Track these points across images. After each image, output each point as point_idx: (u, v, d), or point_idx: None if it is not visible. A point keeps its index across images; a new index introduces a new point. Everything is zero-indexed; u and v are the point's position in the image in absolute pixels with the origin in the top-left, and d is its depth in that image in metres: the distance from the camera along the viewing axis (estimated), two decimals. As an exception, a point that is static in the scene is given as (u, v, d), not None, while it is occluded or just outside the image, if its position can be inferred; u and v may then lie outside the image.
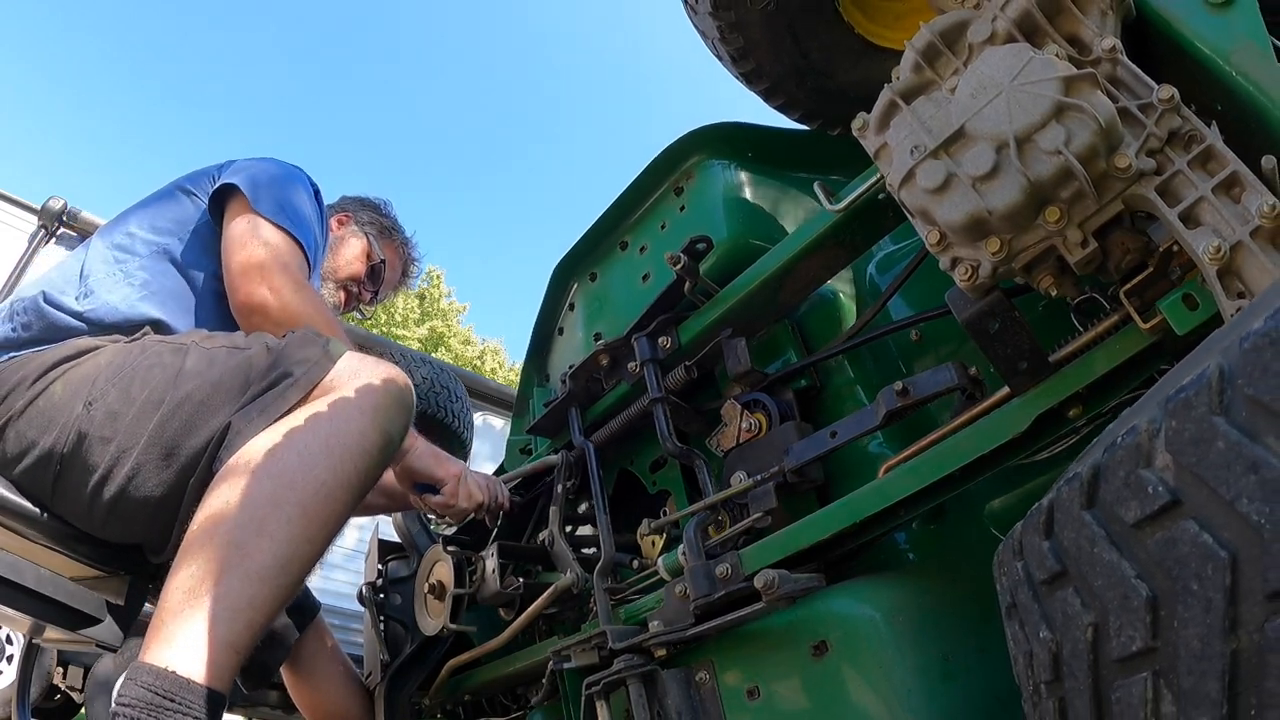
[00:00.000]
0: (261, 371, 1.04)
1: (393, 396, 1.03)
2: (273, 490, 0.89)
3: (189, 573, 0.84)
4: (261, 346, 1.10)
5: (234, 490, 0.88)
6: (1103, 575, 0.39)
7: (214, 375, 1.05)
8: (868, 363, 1.15)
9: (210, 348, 1.11)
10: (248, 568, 0.85)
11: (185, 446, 1.01)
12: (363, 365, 1.06)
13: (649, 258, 1.34)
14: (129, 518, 1.05)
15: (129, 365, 1.08)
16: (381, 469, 1.02)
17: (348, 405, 0.98)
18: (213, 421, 1.01)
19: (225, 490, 0.90)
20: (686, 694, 0.97)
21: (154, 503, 1.02)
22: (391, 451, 1.02)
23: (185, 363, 1.07)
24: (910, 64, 0.84)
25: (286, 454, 0.92)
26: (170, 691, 0.78)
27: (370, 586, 1.44)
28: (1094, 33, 0.74)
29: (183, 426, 1.02)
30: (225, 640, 0.82)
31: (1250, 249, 0.60)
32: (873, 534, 0.95)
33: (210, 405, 1.02)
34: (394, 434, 1.02)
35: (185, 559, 0.86)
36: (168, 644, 0.81)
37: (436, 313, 18.24)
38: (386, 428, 1.00)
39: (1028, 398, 0.80)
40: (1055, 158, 0.66)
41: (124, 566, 1.17)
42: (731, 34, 1.09)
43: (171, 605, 0.83)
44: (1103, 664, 0.41)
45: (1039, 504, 0.47)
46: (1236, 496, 0.32)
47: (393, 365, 1.09)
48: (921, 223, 0.78)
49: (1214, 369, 0.34)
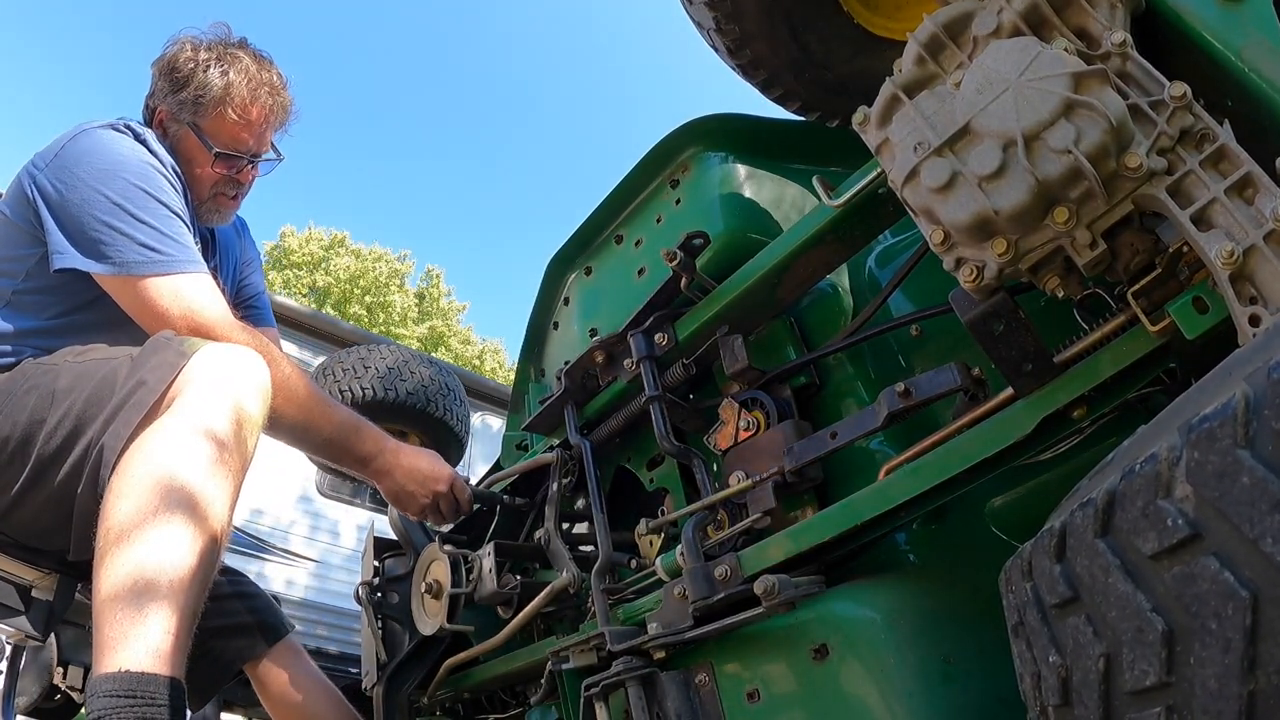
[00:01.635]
0: (122, 382, 1.10)
1: (246, 383, 1.10)
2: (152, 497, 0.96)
3: (107, 587, 0.91)
4: (126, 356, 1.15)
5: (121, 505, 0.96)
6: (1117, 606, 0.38)
7: (85, 392, 1.11)
8: (868, 360, 1.13)
9: (80, 363, 1.17)
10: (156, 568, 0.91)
11: (68, 467, 1.08)
12: (218, 358, 1.10)
13: (644, 252, 1.32)
14: (40, 532, 1.18)
15: (7, 392, 1.15)
16: (248, 446, 1.08)
17: (200, 401, 1.05)
18: (85, 439, 1.07)
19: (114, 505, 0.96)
20: (686, 696, 0.96)
21: (57, 519, 1.10)
22: (253, 429, 1.10)
23: (58, 383, 1.13)
24: (913, 57, 0.82)
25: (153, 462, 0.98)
26: (129, 689, 0.84)
27: (367, 586, 1.44)
28: (1103, 26, 0.72)
29: (61, 447, 1.09)
30: (163, 629, 0.88)
31: (1264, 253, 0.59)
32: (873, 535, 0.94)
33: (83, 423, 1.09)
34: (253, 415, 1.10)
35: (99, 576, 0.93)
36: (113, 650, 0.86)
37: (436, 312, 18.21)
38: (240, 416, 1.07)
39: (1032, 400, 0.78)
40: (1064, 157, 0.64)
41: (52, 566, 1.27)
42: (728, 25, 1.06)
43: (105, 619, 0.89)
44: (1114, 695, 0.40)
45: (1050, 525, 0.45)
46: (1261, 535, 0.31)
47: (249, 352, 1.14)
48: (925, 222, 0.76)
49: (1239, 399, 0.32)
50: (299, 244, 17.39)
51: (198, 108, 1.40)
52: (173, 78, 1.42)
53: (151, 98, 1.47)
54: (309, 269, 17.20)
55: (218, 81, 1.40)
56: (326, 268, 17.13)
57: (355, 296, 17.10)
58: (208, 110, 1.40)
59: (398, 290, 17.64)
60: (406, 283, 18.17)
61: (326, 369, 1.97)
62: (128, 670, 0.84)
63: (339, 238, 17.82)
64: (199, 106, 1.40)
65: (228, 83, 1.40)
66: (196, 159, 1.42)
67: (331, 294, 16.98)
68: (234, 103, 1.41)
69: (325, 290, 17.01)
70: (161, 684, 0.86)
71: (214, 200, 1.47)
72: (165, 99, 1.43)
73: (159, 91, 1.45)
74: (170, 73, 1.42)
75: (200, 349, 1.11)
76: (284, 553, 4.96)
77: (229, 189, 1.47)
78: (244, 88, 1.42)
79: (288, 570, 4.97)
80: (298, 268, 17.18)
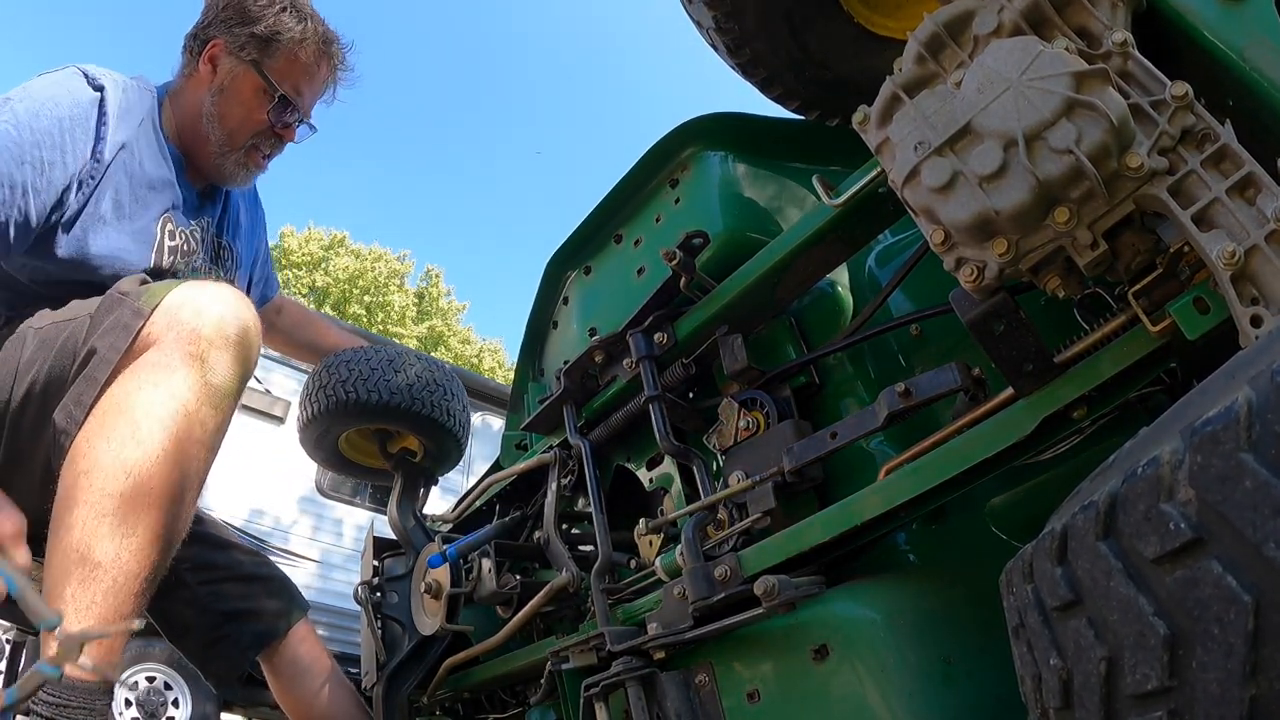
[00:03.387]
0: (78, 348, 1.02)
1: (216, 337, 0.98)
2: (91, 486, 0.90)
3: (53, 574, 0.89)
4: (84, 317, 1.06)
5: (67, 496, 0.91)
6: (1118, 609, 0.38)
7: (46, 364, 1.04)
8: (868, 360, 1.13)
9: (42, 327, 1.08)
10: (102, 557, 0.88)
11: (38, 445, 1.02)
12: (181, 309, 0.99)
13: (644, 251, 1.31)
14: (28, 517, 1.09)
15: None
16: (223, 413, 0.99)
17: (158, 368, 0.95)
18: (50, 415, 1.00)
19: (62, 496, 0.92)
20: (686, 696, 0.96)
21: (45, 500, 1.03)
22: (229, 392, 0.99)
23: (23, 353, 1.06)
24: (913, 56, 0.82)
25: (98, 449, 0.92)
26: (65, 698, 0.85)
27: (366, 586, 1.43)
28: (1104, 25, 0.71)
29: (32, 425, 1.03)
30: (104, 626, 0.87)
31: (1265, 253, 0.58)
32: (873, 535, 0.94)
33: (48, 398, 1.01)
34: (225, 376, 0.99)
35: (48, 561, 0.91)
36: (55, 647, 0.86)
37: (436, 312, 18.20)
38: (211, 378, 0.97)
39: (1033, 400, 0.78)
40: (1065, 157, 0.64)
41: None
42: (727, 23, 1.06)
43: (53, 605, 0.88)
44: (1116, 698, 0.39)
45: (1051, 528, 0.45)
46: (1263, 540, 0.31)
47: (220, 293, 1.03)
48: (925, 222, 0.76)
49: (1243, 403, 0.32)
50: (299, 244, 17.38)
51: (268, 45, 1.31)
52: (244, 12, 1.32)
53: (206, 28, 1.35)
54: (309, 269, 17.19)
55: (295, 25, 1.32)
56: (326, 268, 17.12)
57: (355, 296, 17.09)
58: (279, 51, 1.32)
59: (397, 290, 17.64)
60: (406, 283, 18.17)
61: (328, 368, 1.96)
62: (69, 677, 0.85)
63: (339, 238, 17.81)
64: (270, 44, 1.31)
65: (305, 29, 1.33)
66: (249, 102, 1.32)
67: (331, 294, 16.97)
68: (307, 50, 1.34)
69: (325, 290, 17.01)
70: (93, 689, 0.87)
71: (248, 154, 1.37)
72: (229, 29, 1.32)
73: (219, 21, 1.34)
74: (240, 7, 1.33)
75: (158, 303, 1.00)
76: (284, 553, 4.96)
77: (267, 145, 1.38)
78: (317, 40, 1.36)
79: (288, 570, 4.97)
80: (297, 268, 17.17)
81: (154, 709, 4.10)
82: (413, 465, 1.51)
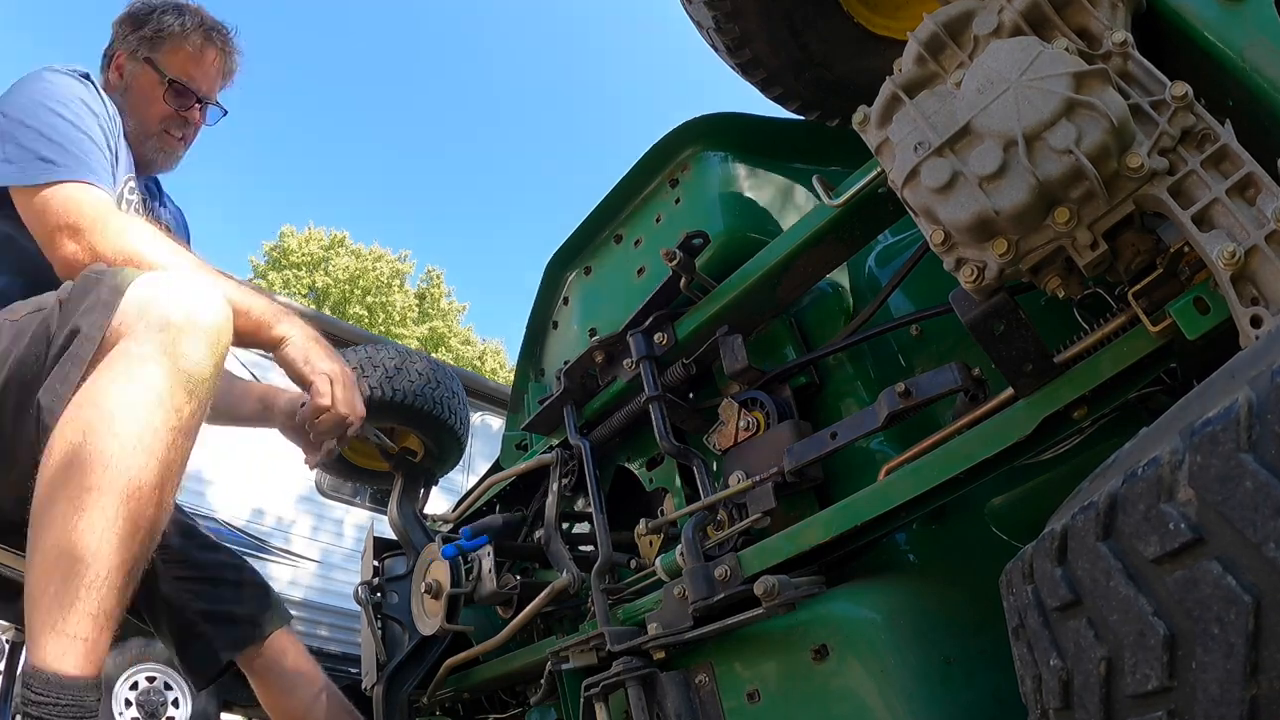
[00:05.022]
0: (57, 331, 1.02)
1: (187, 325, 0.98)
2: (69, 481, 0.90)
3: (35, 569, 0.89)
4: (55, 303, 1.07)
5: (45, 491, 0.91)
6: (1118, 609, 0.38)
7: (21, 352, 1.04)
8: (868, 360, 1.13)
9: (16, 319, 1.10)
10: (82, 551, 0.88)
11: (20, 436, 1.01)
12: (153, 296, 1.00)
13: (644, 251, 1.31)
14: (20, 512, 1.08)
15: None
16: (199, 399, 0.99)
17: (131, 358, 0.95)
18: (33, 401, 1.00)
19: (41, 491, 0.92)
20: (686, 697, 0.96)
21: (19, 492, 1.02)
22: (203, 378, 0.99)
23: None
24: (913, 56, 0.82)
25: (74, 442, 0.91)
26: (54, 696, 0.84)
27: (366, 586, 1.43)
28: (1104, 26, 0.71)
29: (13, 417, 1.02)
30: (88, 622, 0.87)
31: (1265, 254, 0.58)
32: (873, 535, 0.94)
33: (27, 385, 1.01)
34: (199, 362, 0.98)
35: (29, 553, 0.90)
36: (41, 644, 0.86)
37: (436, 312, 18.20)
38: (184, 364, 0.96)
39: (1033, 400, 0.78)
40: (1065, 157, 0.64)
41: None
42: (727, 23, 1.06)
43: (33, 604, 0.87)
44: (1116, 698, 0.39)
45: (1051, 528, 0.45)
46: (1264, 540, 0.31)
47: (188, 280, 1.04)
48: (925, 222, 0.76)
49: (1243, 403, 0.32)
50: (298, 244, 17.37)
51: (155, 42, 1.53)
52: (133, 20, 1.55)
53: (111, 45, 1.58)
54: (309, 269, 17.18)
55: (175, 21, 1.55)
56: (326, 268, 17.11)
57: (355, 297, 17.08)
58: (164, 44, 1.54)
59: (398, 290, 17.63)
60: (407, 283, 18.17)
61: None
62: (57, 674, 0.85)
63: (339, 238, 17.80)
64: (156, 41, 1.53)
65: (184, 23, 1.55)
66: (149, 94, 1.52)
67: (331, 294, 16.97)
68: (190, 40, 1.55)
69: (325, 290, 17.00)
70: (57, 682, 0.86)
71: (160, 138, 1.54)
72: (125, 40, 1.55)
73: (118, 37, 1.57)
74: (131, 18, 1.56)
75: (131, 283, 1.01)
76: (284, 553, 4.96)
77: (176, 128, 1.56)
78: (198, 32, 1.56)
79: (289, 570, 4.97)
80: (297, 268, 17.16)
81: (154, 709, 4.11)
82: (413, 465, 1.52)
